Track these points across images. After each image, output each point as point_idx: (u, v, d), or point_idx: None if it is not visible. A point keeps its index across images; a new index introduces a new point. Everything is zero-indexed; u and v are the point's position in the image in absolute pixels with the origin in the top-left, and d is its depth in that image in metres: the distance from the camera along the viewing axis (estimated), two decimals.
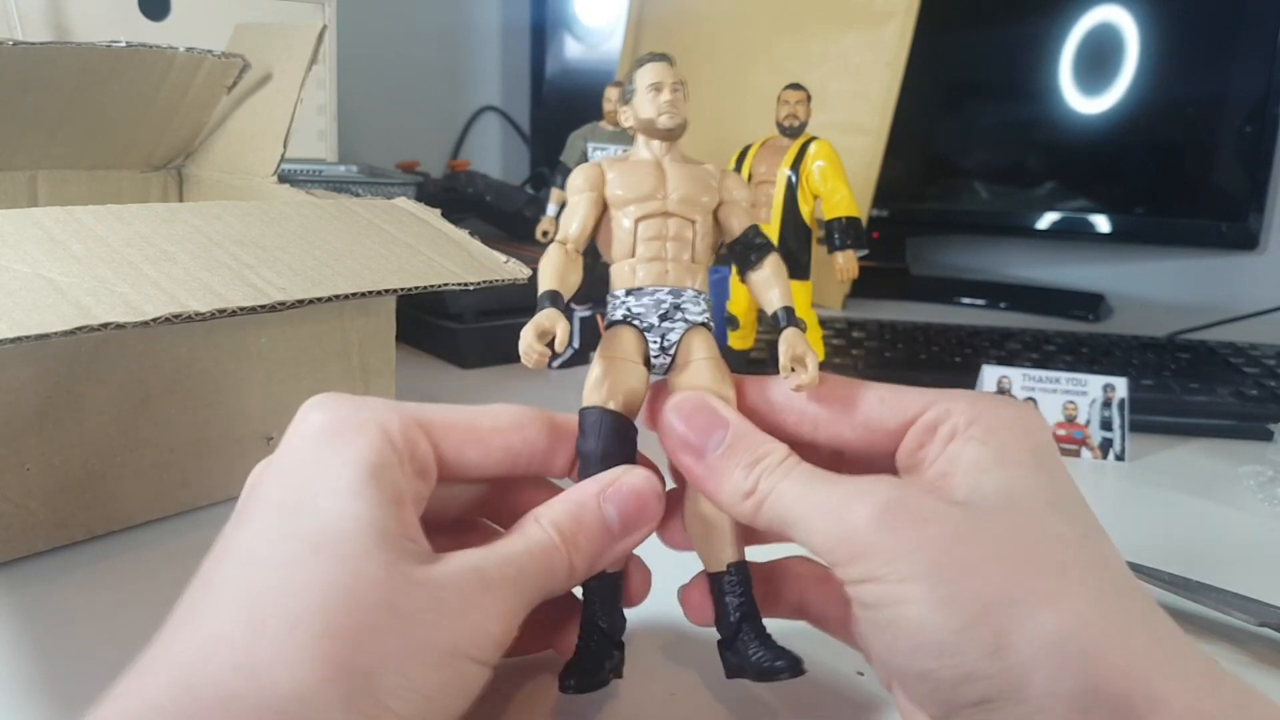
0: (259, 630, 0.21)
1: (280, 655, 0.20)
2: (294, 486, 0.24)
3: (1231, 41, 0.95)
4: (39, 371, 0.37)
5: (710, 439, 0.26)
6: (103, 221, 0.38)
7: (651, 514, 0.27)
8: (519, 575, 0.24)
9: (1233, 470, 0.54)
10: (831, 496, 0.24)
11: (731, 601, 0.28)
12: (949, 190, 1.09)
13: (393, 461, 0.24)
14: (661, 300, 0.29)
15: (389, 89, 1.21)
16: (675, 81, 0.30)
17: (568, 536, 0.26)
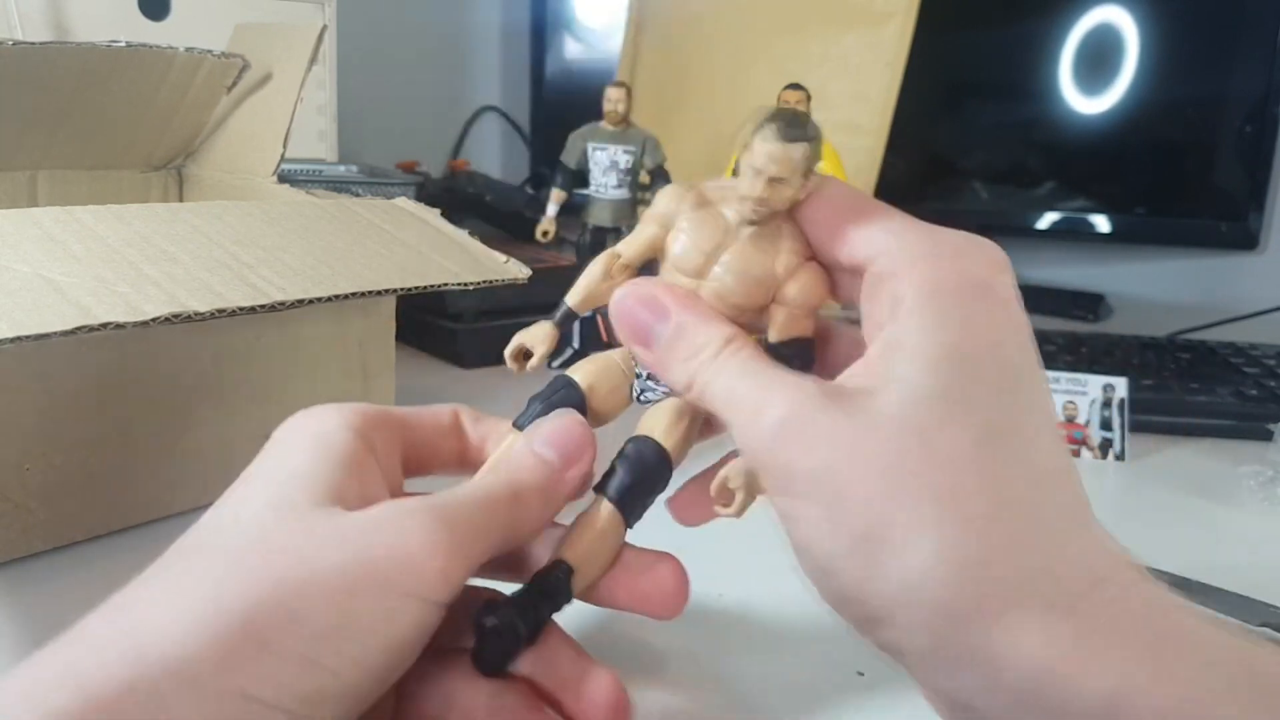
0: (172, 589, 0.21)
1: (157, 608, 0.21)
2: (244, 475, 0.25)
3: (1231, 41, 0.95)
4: (40, 371, 0.37)
5: (654, 330, 0.26)
6: (103, 221, 0.38)
7: (583, 441, 0.28)
8: (459, 508, 0.24)
9: (1233, 470, 0.54)
10: (749, 398, 0.24)
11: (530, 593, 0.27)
12: (949, 190, 1.09)
13: (342, 433, 0.26)
14: None
15: (389, 89, 1.21)
16: (780, 175, 0.25)
17: (509, 475, 0.27)
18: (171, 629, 0.20)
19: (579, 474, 0.28)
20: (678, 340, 0.26)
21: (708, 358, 0.25)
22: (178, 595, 0.21)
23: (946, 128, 1.08)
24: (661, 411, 0.28)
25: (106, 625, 0.21)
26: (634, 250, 0.29)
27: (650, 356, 0.27)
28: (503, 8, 1.39)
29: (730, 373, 0.25)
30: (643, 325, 0.26)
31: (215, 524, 0.24)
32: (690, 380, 0.25)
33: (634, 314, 0.27)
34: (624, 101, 0.64)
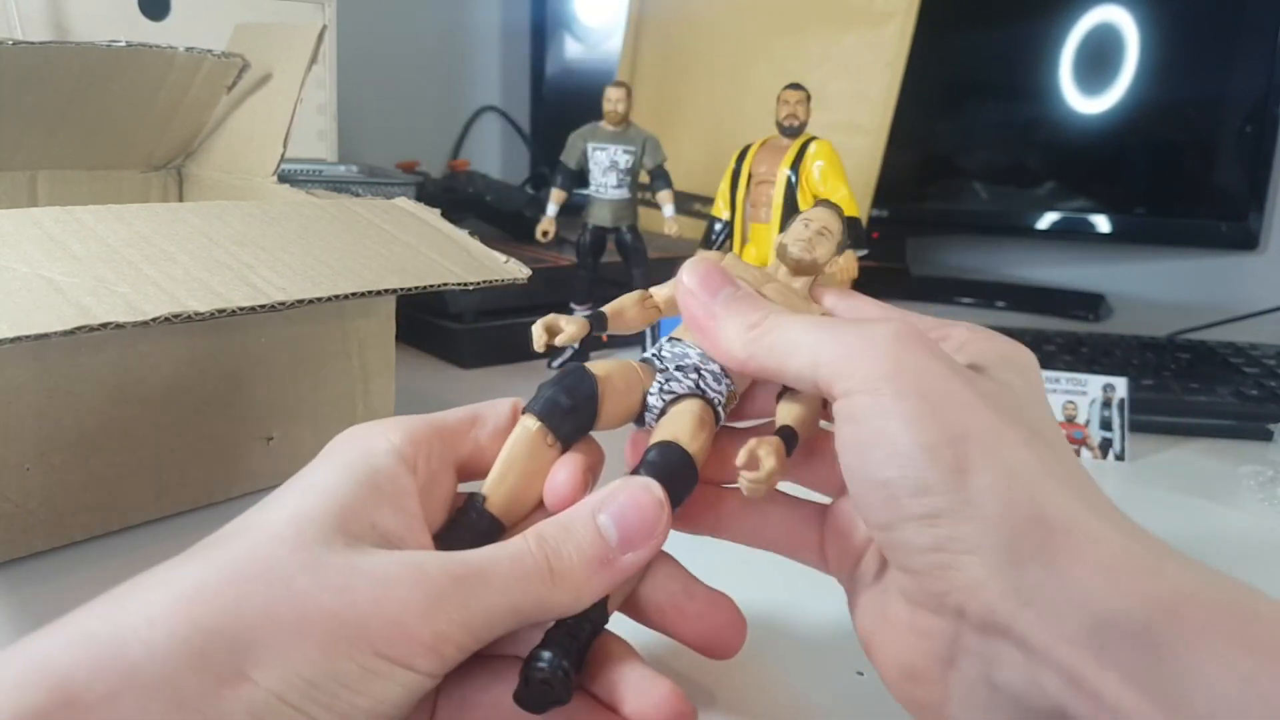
0: (131, 591, 0.21)
1: (144, 612, 0.20)
2: (275, 491, 0.24)
3: (1231, 41, 0.95)
4: (39, 371, 0.37)
5: (719, 291, 0.28)
6: (103, 221, 0.38)
7: (656, 526, 0.25)
8: (479, 580, 0.22)
9: (1233, 470, 0.54)
10: (845, 325, 0.25)
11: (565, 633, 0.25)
12: (949, 190, 1.09)
13: (380, 459, 0.24)
14: (687, 354, 0.29)
15: (389, 89, 1.21)
16: (824, 228, 0.31)
17: (550, 546, 0.24)
18: (154, 637, 0.20)
19: (639, 561, 0.25)
20: (744, 299, 0.27)
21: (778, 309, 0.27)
22: (170, 598, 0.20)
23: (946, 128, 1.08)
24: (682, 417, 0.27)
25: (97, 619, 0.20)
26: (664, 295, 0.31)
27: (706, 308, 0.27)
28: (503, 8, 1.39)
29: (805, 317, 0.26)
30: (710, 286, 0.28)
31: (238, 528, 0.23)
32: (759, 320, 0.26)
33: (701, 279, 0.28)
34: (624, 101, 0.64)
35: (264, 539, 0.22)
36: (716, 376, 0.28)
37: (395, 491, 0.24)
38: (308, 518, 0.22)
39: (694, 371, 0.28)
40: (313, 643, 0.20)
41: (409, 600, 0.21)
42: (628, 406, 0.28)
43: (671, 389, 0.28)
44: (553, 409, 0.27)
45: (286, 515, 0.23)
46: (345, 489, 0.23)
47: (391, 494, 0.24)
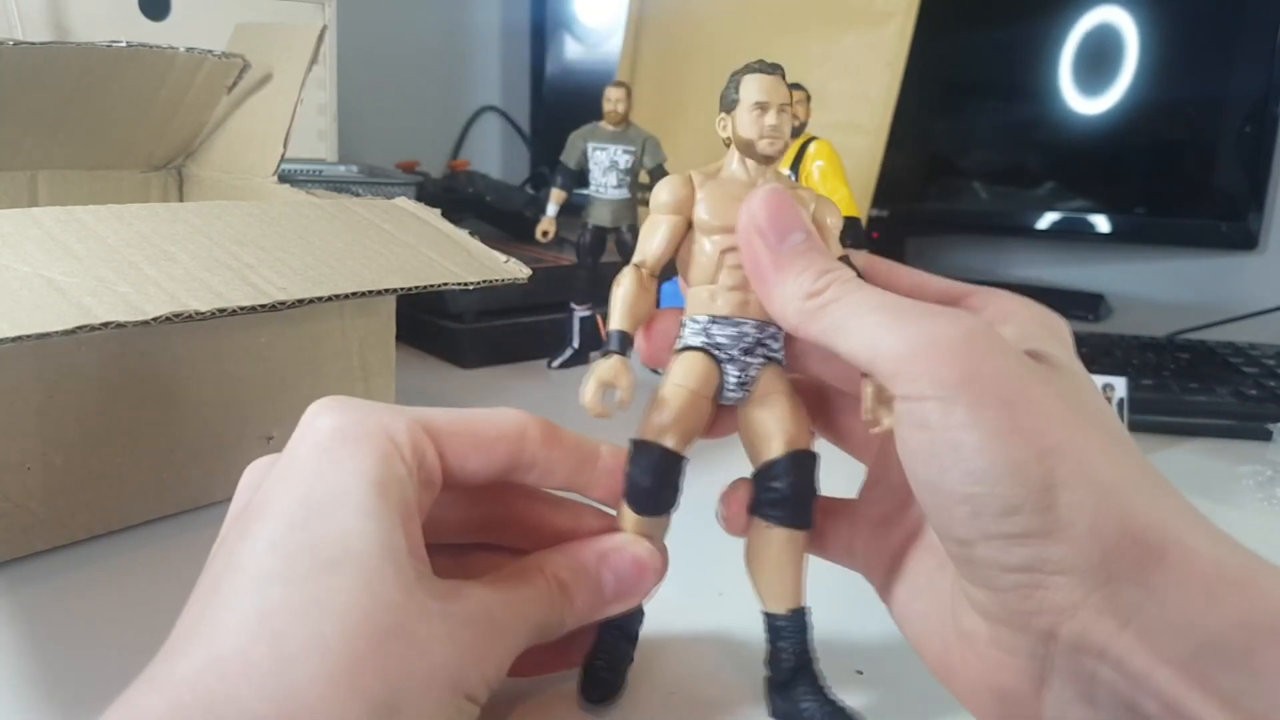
0: (283, 654, 0.20)
1: (309, 683, 0.20)
2: (301, 497, 0.23)
3: (1231, 41, 0.95)
4: (39, 371, 0.37)
5: (789, 235, 0.26)
6: (103, 221, 0.38)
7: (646, 587, 0.28)
8: (522, 620, 0.25)
9: (1232, 470, 0.54)
10: (907, 313, 0.24)
11: (786, 647, 0.28)
12: (949, 190, 1.09)
13: (402, 475, 0.24)
14: (746, 333, 0.28)
15: (389, 89, 1.21)
16: (783, 102, 0.28)
17: (568, 590, 0.27)
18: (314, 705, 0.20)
19: (622, 609, 0.29)
20: (811, 252, 0.26)
21: (844, 275, 0.25)
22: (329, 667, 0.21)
23: (946, 128, 1.08)
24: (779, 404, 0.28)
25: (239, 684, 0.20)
26: (656, 251, 0.29)
27: (769, 255, 0.26)
28: (503, 8, 1.39)
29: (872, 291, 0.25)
30: (779, 226, 0.26)
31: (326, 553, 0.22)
32: (822, 288, 0.25)
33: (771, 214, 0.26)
34: (624, 101, 0.64)
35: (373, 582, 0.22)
36: (775, 336, 0.29)
37: (414, 510, 0.24)
38: (391, 551, 0.23)
39: (759, 348, 0.28)
40: (434, 694, 0.22)
41: (491, 648, 0.24)
42: (700, 430, 0.29)
43: (750, 375, 0.28)
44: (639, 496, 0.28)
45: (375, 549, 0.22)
46: (396, 512, 0.23)
47: (414, 513, 0.24)
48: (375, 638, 0.21)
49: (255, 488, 0.25)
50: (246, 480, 0.26)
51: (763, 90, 0.27)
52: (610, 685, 0.30)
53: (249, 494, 0.25)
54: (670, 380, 0.28)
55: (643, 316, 0.29)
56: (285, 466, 0.24)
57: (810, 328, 0.25)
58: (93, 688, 0.30)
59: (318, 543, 0.22)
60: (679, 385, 0.28)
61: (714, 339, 0.28)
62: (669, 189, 0.28)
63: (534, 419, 0.28)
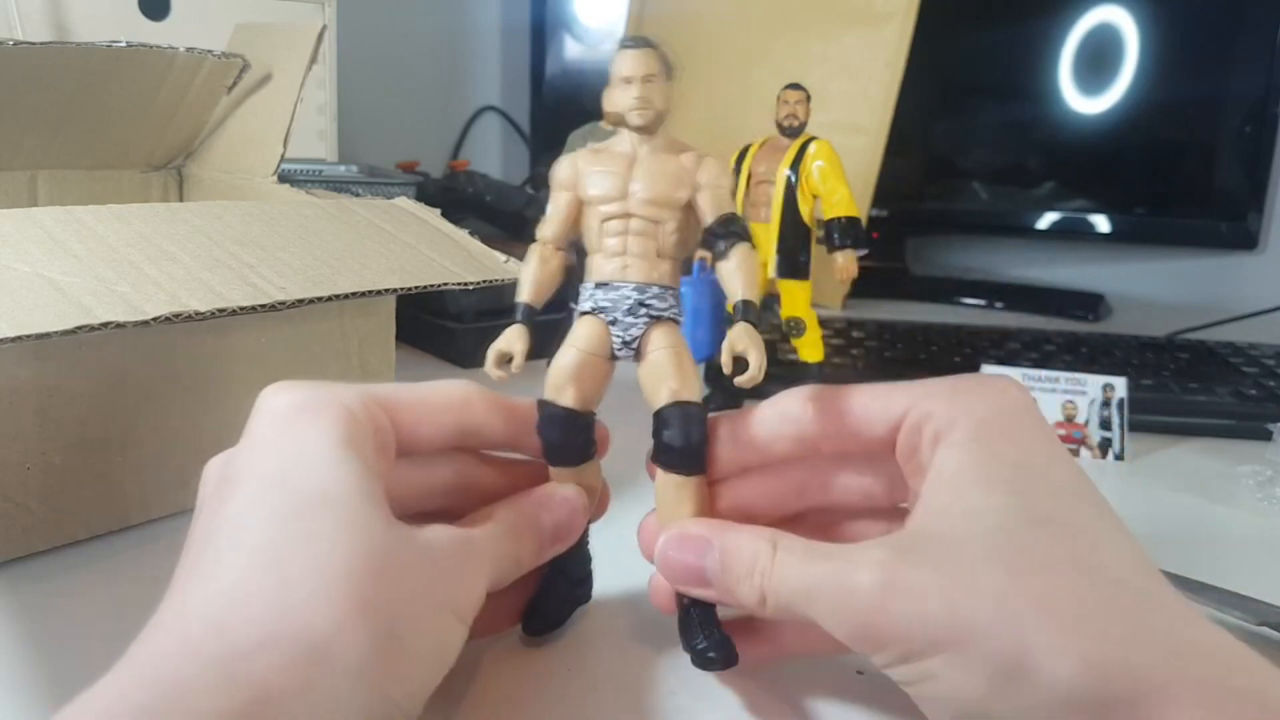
0: (285, 579, 0.21)
1: (312, 598, 0.21)
2: (272, 459, 0.25)
3: (1231, 41, 0.95)
4: (39, 371, 0.37)
5: (703, 567, 0.28)
6: (103, 221, 0.38)
7: (578, 523, 0.31)
8: (488, 552, 0.27)
9: (1232, 470, 0.54)
10: (830, 579, 0.25)
11: None
12: (949, 190, 1.09)
13: (361, 436, 0.26)
14: (626, 295, 0.30)
15: (389, 89, 1.21)
16: (648, 74, 0.29)
17: (517, 531, 0.29)
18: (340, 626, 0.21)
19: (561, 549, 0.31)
20: (731, 563, 0.27)
21: (765, 564, 0.26)
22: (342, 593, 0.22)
23: (946, 128, 1.08)
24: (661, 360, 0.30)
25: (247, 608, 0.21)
26: (556, 224, 0.31)
27: (714, 592, 0.28)
28: (503, 8, 1.39)
29: (796, 566, 0.25)
30: (692, 568, 0.28)
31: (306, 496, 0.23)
32: (762, 594, 0.26)
33: (680, 561, 0.28)
34: None
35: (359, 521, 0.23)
36: (660, 295, 0.30)
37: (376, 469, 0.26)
38: (367, 496, 0.24)
39: (640, 308, 0.30)
40: (426, 613, 0.23)
41: (471, 570, 0.26)
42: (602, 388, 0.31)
43: (632, 335, 0.30)
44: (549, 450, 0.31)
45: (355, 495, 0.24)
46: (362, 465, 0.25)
47: (375, 467, 0.26)
48: (368, 560, 0.22)
49: (220, 478, 0.26)
50: (207, 476, 0.27)
51: (626, 65, 0.29)
52: (547, 619, 0.33)
53: (214, 485, 0.26)
54: (565, 343, 0.31)
55: (548, 287, 0.31)
56: (249, 444, 0.26)
57: (773, 616, 0.26)
58: None
59: (298, 490, 0.24)
60: (570, 346, 0.30)
61: (599, 303, 0.30)
62: (560, 167, 0.31)
63: (476, 388, 0.30)
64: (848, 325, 0.76)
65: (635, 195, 0.30)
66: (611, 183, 0.30)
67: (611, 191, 0.30)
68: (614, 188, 0.30)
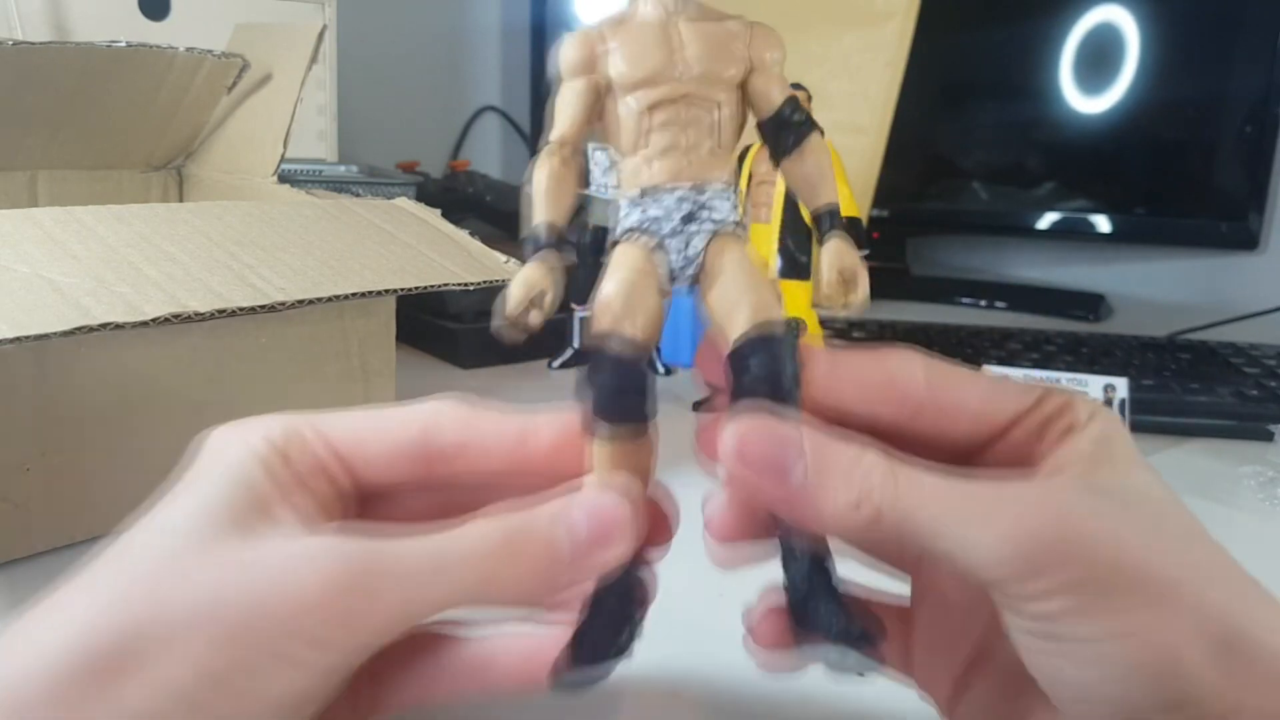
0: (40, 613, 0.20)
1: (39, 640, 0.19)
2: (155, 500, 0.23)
3: (1231, 41, 0.95)
4: (39, 371, 0.37)
5: (790, 474, 0.21)
6: (103, 221, 0.38)
7: (616, 542, 0.22)
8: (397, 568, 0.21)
9: (1233, 470, 0.54)
10: (977, 490, 0.20)
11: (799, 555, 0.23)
12: (949, 190, 1.09)
13: (260, 455, 0.23)
14: (684, 198, 0.24)
15: (389, 89, 1.21)
16: None
17: (496, 544, 0.22)
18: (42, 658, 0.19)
19: (591, 574, 0.23)
20: (829, 465, 0.21)
21: (877, 465, 0.21)
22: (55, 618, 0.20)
23: (946, 128, 1.08)
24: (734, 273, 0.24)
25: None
26: (573, 121, 0.25)
27: (790, 498, 0.21)
28: (503, 8, 1.39)
29: (921, 473, 0.21)
30: (778, 466, 0.21)
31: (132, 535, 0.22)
32: (876, 507, 0.20)
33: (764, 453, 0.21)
34: None
35: (160, 538, 0.21)
36: (722, 195, 0.24)
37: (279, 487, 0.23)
38: (205, 514, 0.21)
39: (702, 212, 0.24)
40: (208, 637, 0.19)
41: (315, 584, 0.20)
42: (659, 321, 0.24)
43: (695, 249, 0.24)
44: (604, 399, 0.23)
45: (181, 514, 0.22)
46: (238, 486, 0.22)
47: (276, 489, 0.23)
48: (125, 582, 0.20)
49: None
50: None
51: None
52: (601, 646, 0.23)
53: None
54: (609, 273, 0.24)
55: (570, 204, 0.25)
56: None
57: (874, 534, 0.21)
58: None
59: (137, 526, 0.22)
60: (617, 270, 0.24)
61: (648, 213, 0.24)
62: (572, 47, 0.24)
63: (450, 402, 0.25)
64: (848, 325, 0.76)
65: (689, 72, 0.23)
66: (656, 56, 0.23)
67: (658, 69, 0.23)
68: (660, 64, 0.23)
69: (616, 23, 0.24)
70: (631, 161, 0.24)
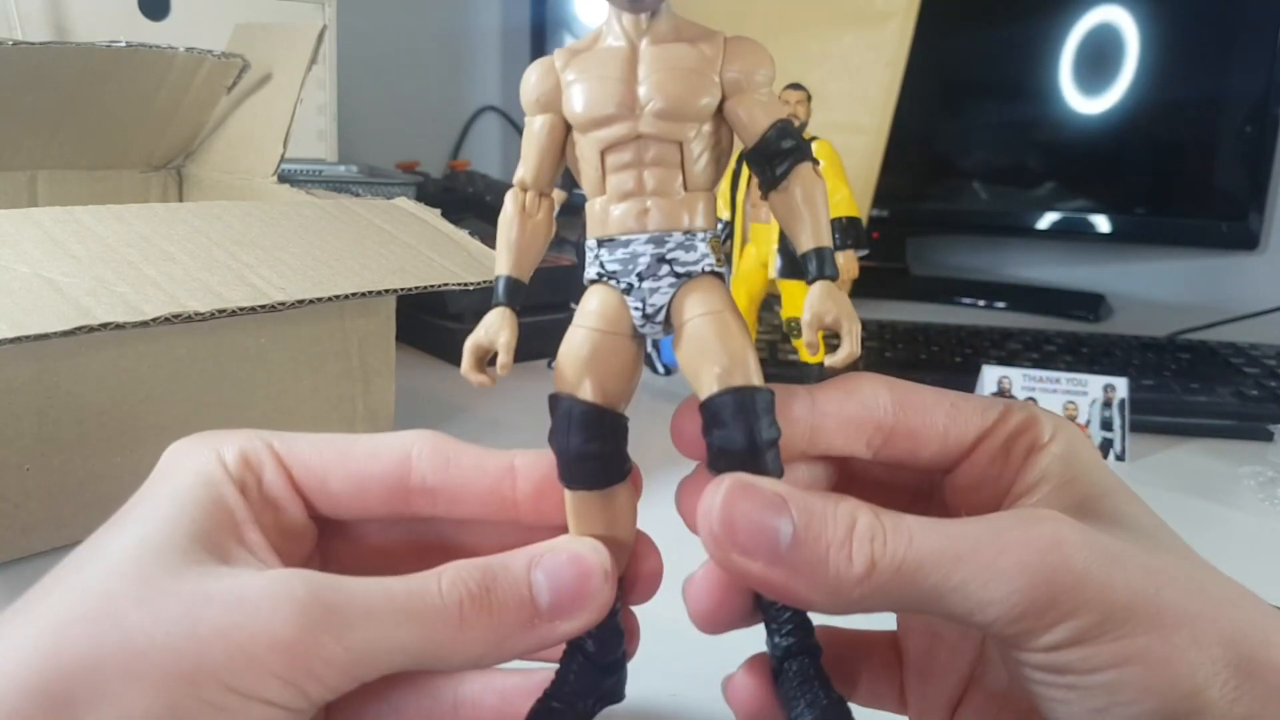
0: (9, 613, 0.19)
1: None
2: (108, 522, 0.22)
3: (1231, 41, 0.95)
4: (39, 371, 0.37)
5: (773, 536, 0.20)
6: (103, 221, 0.38)
7: (594, 595, 0.22)
8: (349, 606, 0.19)
9: (1233, 470, 0.54)
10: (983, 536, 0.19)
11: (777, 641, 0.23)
12: (949, 190, 1.09)
13: (214, 481, 0.22)
14: (639, 253, 0.22)
15: (389, 89, 1.21)
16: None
17: (469, 589, 0.21)
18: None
19: (571, 632, 0.22)
20: (816, 526, 0.20)
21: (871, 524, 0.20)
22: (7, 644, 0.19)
23: (946, 128, 1.08)
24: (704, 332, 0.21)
25: None
26: (535, 164, 0.23)
27: (778, 572, 0.20)
28: (503, 8, 1.39)
29: (920, 524, 0.20)
30: (765, 530, 0.20)
31: (76, 564, 0.21)
32: (870, 561, 0.19)
33: (750, 518, 0.20)
34: None
35: (100, 573, 0.20)
36: (685, 245, 0.22)
37: (233, 516, 0.22)
38: (150, 546, 0.20)
39: (661, 265, 0.22)
40: (146, 682, 0.18)
41: (264, 627, 0.19)
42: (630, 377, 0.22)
43: (654, 304, 0.22)
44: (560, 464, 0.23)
45: (126, 545, 0.20)
46: (182, 513, 0.21)
47: (229, 518, 0.22)
48: (58, 624, 0.19)
49: None
50: None
51: None
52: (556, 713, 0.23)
53: None
54: (574, 323, 0.23)
55: (536, 251, 0.23)
56: None
57: (879, 607, 0.20)
58: None
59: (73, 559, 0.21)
60: (578, 324, 0.22)
61: (606, 266, 0.22)
62: (530, 79, 0.23)
63: (427, 437, 0.24)
64: None
65: (648, 108, 0.21)
66: (611, 93, 0.21)
67: (612, 106, 0.21)
68: (615, 100, 0.21)
69: (577, 51, 0.22)
70: (592, 205, 0.23)
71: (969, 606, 0.19)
